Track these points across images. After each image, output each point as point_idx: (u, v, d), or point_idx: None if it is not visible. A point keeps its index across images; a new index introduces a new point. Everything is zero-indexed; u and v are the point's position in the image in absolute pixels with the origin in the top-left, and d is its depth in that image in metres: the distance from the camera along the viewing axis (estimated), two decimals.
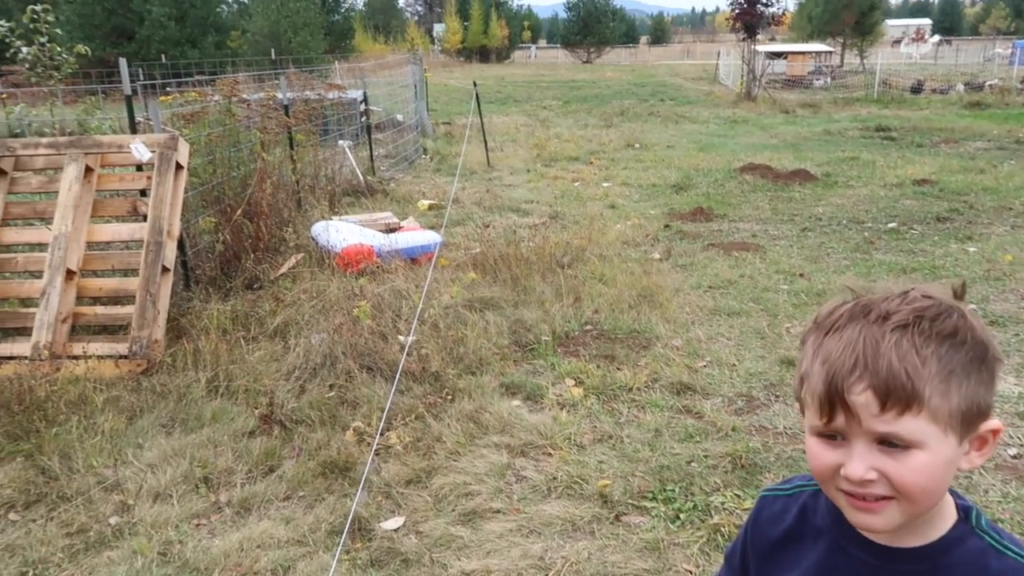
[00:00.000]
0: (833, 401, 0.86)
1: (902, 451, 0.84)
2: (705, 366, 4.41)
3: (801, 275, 6.01)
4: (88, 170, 5.04)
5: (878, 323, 0.86)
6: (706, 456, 3.45)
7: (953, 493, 0.95)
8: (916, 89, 23.90)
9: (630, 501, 3.15)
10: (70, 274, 4.79)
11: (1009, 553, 0.91)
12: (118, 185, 5.45)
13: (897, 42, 51.04)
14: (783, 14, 30.63)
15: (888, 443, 0.85)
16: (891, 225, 7.59)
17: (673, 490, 3.20)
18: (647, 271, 6.02)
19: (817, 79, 28.86)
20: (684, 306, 5.36)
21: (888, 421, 0.84)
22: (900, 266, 6.23)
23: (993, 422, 0.90)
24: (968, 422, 0.87)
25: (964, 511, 0.94)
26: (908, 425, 0.83)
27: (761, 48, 26.75)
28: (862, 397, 0.84)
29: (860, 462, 0.85)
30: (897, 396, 0.83)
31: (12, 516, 3.20)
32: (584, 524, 3.03)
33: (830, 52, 34.72)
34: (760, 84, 23.05)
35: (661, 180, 10.32)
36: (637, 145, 13.88)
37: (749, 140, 14.46)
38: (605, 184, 10.21)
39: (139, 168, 5.23)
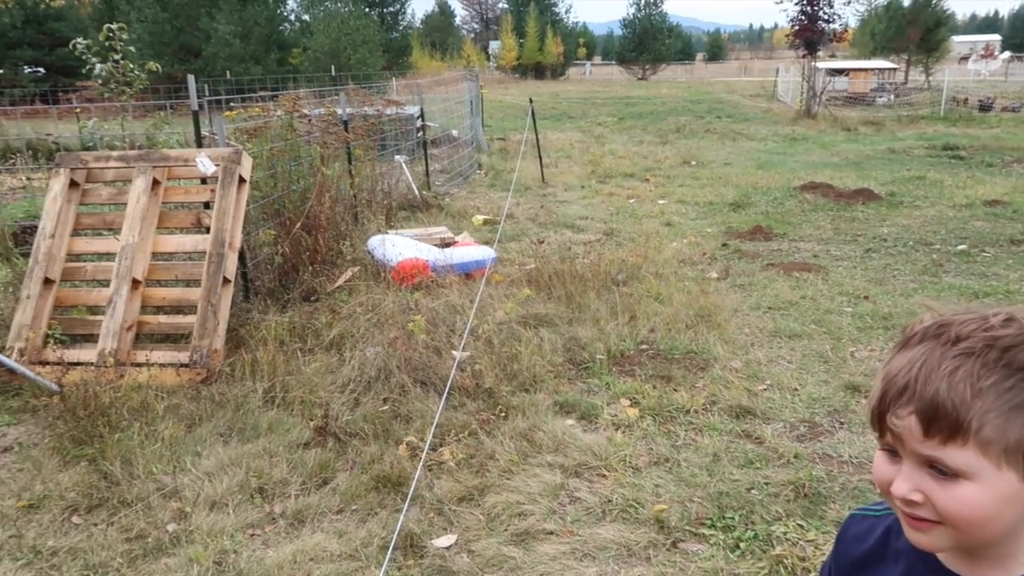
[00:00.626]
0: (882, 419, 0.87)
1: (950, 479, 0.83)
2: (765, 389, 4.28)
3: (866, 297, 5.81)
4: (155, 183, 5.18)
5: (946, 346, 0.84)
6: (767, 483, 3.33)
7: None
8: (985, 107, 23.13)
9: (687, 527, 3.06)
10: (135, 284, 4.91)
11: None
12: (183, 198, 5.59)
13: (965, 59, 49.55)
14: (844, 30, 30.00)
15: (937, 468, 0.84)
16: (961, 247, 7.31)
17: (733, 518, 3.10)
18: (704, 290, 5.91)
19: (880, 96, 28.18)
20: (743, 327, 5.24)
21: (932, 447, 0.83)
22: (972, 290, 5.99)
23: None
24: None
25: None
26: (953, 454, 0.82)
27: (821, 65, 26.25)
28: (906, 421, 0.84)
29: (905, 482, 0.85)
30: (940, 425, 0.82)
31: (75, 519, 3.27)
32: (640, 550, 2.95)
33: (894, 69, 33.88)
34: (820, 101, 22.60)
35: (718, 198, 10.16)
36: (693, 162, 13.71)
37: (809, 158, 14.16)
38: (661, 201, 10.10)
39: (203, 181, 5.36)
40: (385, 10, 49.13)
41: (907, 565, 0.96)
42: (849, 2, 50.72)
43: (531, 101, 13.76)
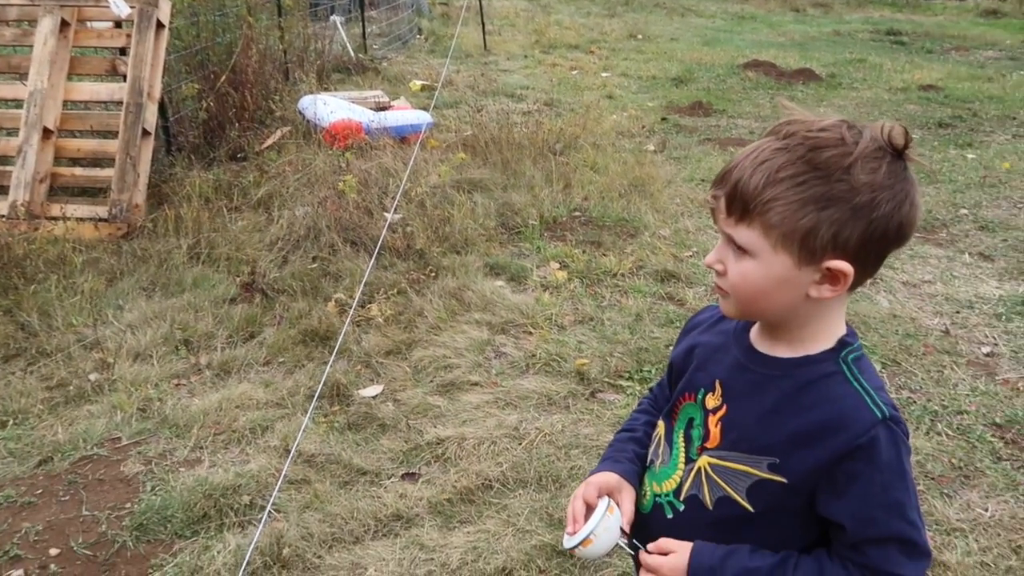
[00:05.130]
0: (710, 197, 1.00)
1: (741, 255, 0.96)
2: (691, 256, 4.39)
3: None
4: (64, 24, 4.80)
5: (773, 140, 0.94)
6: None
7: (850, 332, 1.04)
8: None
9: (606, 379, 3.19)
10: (47, 133, 4.64)
11: (853, 384, 0.99)
12: (96, 42, 5.22)
13: None
14: None
15: (735, 244, 0.97)
16: None
17: (650, 371, 3.24)
18: (640, 162, 5.91)
19: None
20: (675, 198, 5.30)
21: (730, 225, 0.96)
22: None
23: (841, 263, 0.93)
24: (808, 250, 0.93)
25: (841, 344, 1.02)
26: (742, 233, 0.95)
27: None
28: (717, 202, 0.97)
29: (714, 254, 1.01)
30: (735, 206, 0.94)
31: None
32: (560, 399, 3.07)
33: None
34: None
35: (662, 73, 10.02)
36: (639, 36, 13.40)
37: (755, 37, 13.98)
38: (604, 74, 9.90)
39: (118, 25, 4.99)
40: None
41: (725, 339, 1.12)
42: None
43: None
